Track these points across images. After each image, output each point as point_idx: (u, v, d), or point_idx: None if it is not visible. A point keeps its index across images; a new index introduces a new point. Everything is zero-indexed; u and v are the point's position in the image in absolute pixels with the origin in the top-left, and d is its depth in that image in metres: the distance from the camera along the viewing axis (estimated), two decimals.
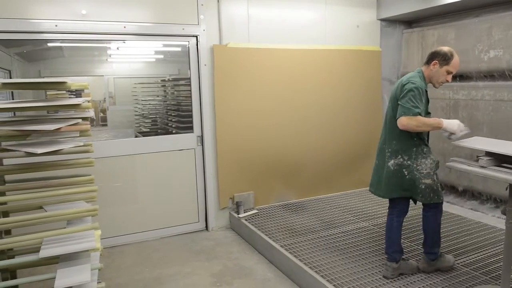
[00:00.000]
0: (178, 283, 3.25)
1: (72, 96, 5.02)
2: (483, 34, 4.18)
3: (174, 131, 4.76)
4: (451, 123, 2.65)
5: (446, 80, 2.82)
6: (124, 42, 4.45)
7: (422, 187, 2.77)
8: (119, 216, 4.00)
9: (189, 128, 4.33)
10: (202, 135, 4.29)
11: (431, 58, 2.82)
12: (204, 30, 4.14)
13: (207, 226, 4.40)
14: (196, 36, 4.14)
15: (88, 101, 2.34)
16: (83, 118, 2.33)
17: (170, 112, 5.21)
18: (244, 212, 4.31)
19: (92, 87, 4.39)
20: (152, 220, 4.16)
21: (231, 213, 4.40)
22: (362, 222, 4.05)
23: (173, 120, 4.98)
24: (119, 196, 3.99)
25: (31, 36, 3.56)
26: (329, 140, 4.87)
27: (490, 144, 2.50)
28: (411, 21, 5.24)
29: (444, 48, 2.80)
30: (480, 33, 4.22)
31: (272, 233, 3.78)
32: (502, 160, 2.28)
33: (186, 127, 4.37)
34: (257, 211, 4.40)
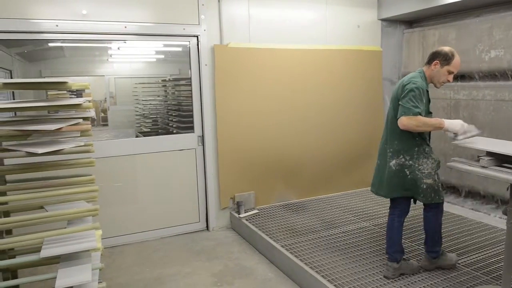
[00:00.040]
0: (179, 283, 3.25)
1: (73, 96, 5.04)
2: (484, 34, 4.18)
3: (175, 131, 4.77)
4: (453, 123, 2.63)
5: (447, 80, 2.82)
6: (125, 42, 4.46)
7: (424, 187, 2.77)
8: (120, 216, 4.00)
9: (189, 128, 4.33)
10: (202, 135, 4.29)
11: (432, 58, 2.82)
12: (205, 30, 4.14)
13: (207, 226, 4.40)
14: (197, 36, 4.14)
15: (89, 101, 2.34)
16: (84, 118, 2.33)
17: (171, 112, 5.21)
18: (245, 212, 4.31)
19: (93, 87, 4.39)
20: (153, 220, 4.16)
21: (232, 213, 4.40)
22: (363, 222, 4.04)
23: (174, 120, 4.98)
24: (120, 196, 3.99)
25: (32, 36, 3.56)
26: (330, 140, 4.87)
27: (491, 144, 2.50)
28: (412, 21, 5.24)
29: (445, 48, 2.80)
30: (481, 33, 4.21)
31: (273, 233, 3.78)
32: (503, 160, 2.27)
33: (187, 127, 4.37)
34: (257, 211, 4.40)
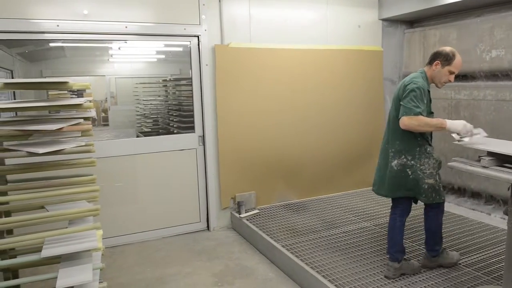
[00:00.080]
0: (179, 283, 3.25)
1: (74, 96, 5.06)
2: (485, 34, 4.17)
3: (175, 131, 4.77)
4: (455, 123, 2.61)
5: (449, 80, 2.82)
6: (125, 42, 4.46)
7: (425, 187, 2.78)
8: (120, 216, 4.00)
9: (190, 128, 4.33)
10: (203, 135, 4.29)
11: (433, 58, 2.83)
12: (205, 30, 4.14)
13: (208, 226, 4.40)
14: (198, 36, 4.14)
15: (90, 101, 2.34)
16: (85, 118, 2.33)
17: (172, 112, 5.22)
18: (246, 212, 4.31)
19: (94, 87, 4.40)
20: (154, 220, 4.16)
21: (233, 213, 4.40)
22: (364, 222, 4.04)
23: (174, 120, 4.98)
24: (120, 196, 4.00)
25: (33, 36, 3.56)
26: (330, 140, 4.87)
27: (492, 144, 2.49)
28: (412, 21, 5.23)
29: (446, 49, 2.80)
30: (482, 33, 4.21)
31: (274, 233, 3.78)
32: (504, 160, 2.27)
33: (188, 127, 4.37)
34: (258, 211, 4.40)
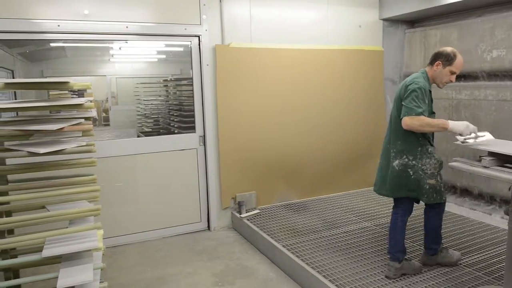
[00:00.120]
0: (180, 283, 3.25)
1: (75, 96, 5.06)
2: (486, 34, 4.17)
3: (176, 131, 4.77)
4: (458, 124, 2.59)
5: (450, 81, 2.83)
6: (126, 42, 4.46)
7: (426, 187, 2.78)
8: (121, 216, 4.00)
9: (191, 128, 4.33)
10: (204, 135, 4.29)
11: (434, 58, 2.83)
12: (206, 30, 4.14)
13: (209, 226, 4.40)
14: (198, 36, 4.14)
15: (91, 101, 2.34)
16: (86, 118, 2.33)
17: (172, 112, 5.22)
18: (246, 212, 4.31)
19: (95, 87, 4.41)
20: (154, 220, 4.16)
21: (233, 213, 4.40)
22: (364, 222, 4.04)
23: (175, 120, 4.99)
24: (121, 196, 4.00)
25: (34, 36, 3.56)
26: (331, 140, 4.86)
27: (493, 145, 2.49)
28: (413, 21, 5.23)
29: (447, 49, 2.81)
30: (483, 33, 4.20)
31: (274, 233, 3.78)
32: (505, 160, 2.27)
33: (188, 127, 4.37)
34: (259, 211, 4.40)
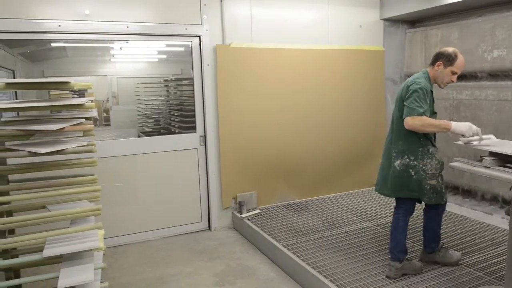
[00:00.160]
0: (181, 283, 3.25)
1: (75, 96, 5.06)
2: (487, 34, 4.16)
3: (177, 131, 4.77)
4: (460, 125, 2.58)
5: (451, 81, 2.83)
6: (127, 42, 4.46)
7: (427, 187, 2.78)
8: (122, 216, 4.00)
9: (192, 128, 4.33)
10: (205, 135, 4.29)
11: (436, 59, 2.83)
12: (207, 30, 4.14)
13: (209, 226, 4.40)
14: (199, 36, 4.14)
15: (91, 101, 2.35)
16: (86, 118, 2.34)
17: (173, 112, 5.22)
18: (247, 212, 4.31)
19: (95, 87, 4.39)
20: (155, 220, 4.16)
21: (234, 213, 4.40)
22: (365, 222, 4.04)
23: (176, 120, 4.99)
24: (122, 196, 4.00)
25: (35, 36, 3.56)
26: (332, 140, 4.86)
27: (493, 144, 2.49)
28: (414, 21, 5.22)
29: (449, 49, 2.81)
30: (483, 32, 4.20)
31: (275, 233, 3.78)
32: (506, 160, 2.26)
33: (189, 127, 4.37)
34: (259, 211, 4.40)
